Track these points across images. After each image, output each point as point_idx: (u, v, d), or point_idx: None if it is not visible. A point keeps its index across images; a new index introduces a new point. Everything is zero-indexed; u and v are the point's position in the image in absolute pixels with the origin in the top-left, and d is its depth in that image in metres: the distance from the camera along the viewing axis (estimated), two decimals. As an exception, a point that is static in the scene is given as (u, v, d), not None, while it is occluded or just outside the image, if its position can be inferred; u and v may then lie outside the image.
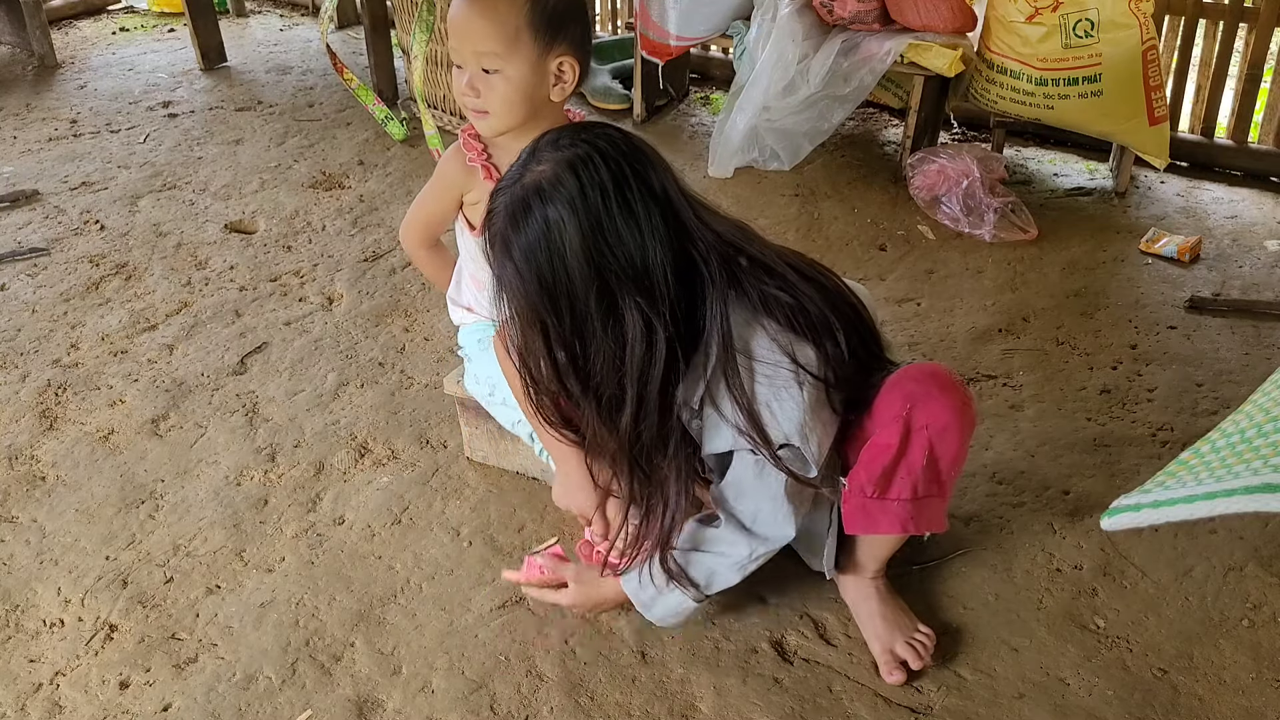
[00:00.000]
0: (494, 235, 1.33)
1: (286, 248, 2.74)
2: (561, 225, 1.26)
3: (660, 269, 1.30)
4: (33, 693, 1.52)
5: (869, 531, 1.49)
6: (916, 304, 2.47)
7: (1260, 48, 2.96)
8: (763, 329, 1.37)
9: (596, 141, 1.30)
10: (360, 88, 3.41)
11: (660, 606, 1.50)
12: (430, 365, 2.25)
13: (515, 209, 1.29)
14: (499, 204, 1.32)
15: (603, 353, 1.32)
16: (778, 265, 1.40)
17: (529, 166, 1.31)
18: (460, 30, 1.56)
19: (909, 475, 1.42)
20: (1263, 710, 1.46)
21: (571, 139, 1.31)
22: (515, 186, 1.30)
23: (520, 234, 1.29)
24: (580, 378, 1.35)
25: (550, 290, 1.29)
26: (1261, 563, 1.70)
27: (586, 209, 1.26)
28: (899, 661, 1.51)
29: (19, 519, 1.85)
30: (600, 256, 1.27)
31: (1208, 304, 2.43)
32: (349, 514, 1.84)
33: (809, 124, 2.89)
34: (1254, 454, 0.87)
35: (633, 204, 1.28)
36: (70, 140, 3.42)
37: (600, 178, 1.27)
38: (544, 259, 1.28)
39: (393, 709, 1.48)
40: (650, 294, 1.30)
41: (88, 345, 2.33)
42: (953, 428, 1.39)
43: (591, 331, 1.31)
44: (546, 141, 1.32)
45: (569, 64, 1.59)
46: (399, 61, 3.72)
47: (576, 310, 1.30)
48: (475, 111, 1.60)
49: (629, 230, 1.28)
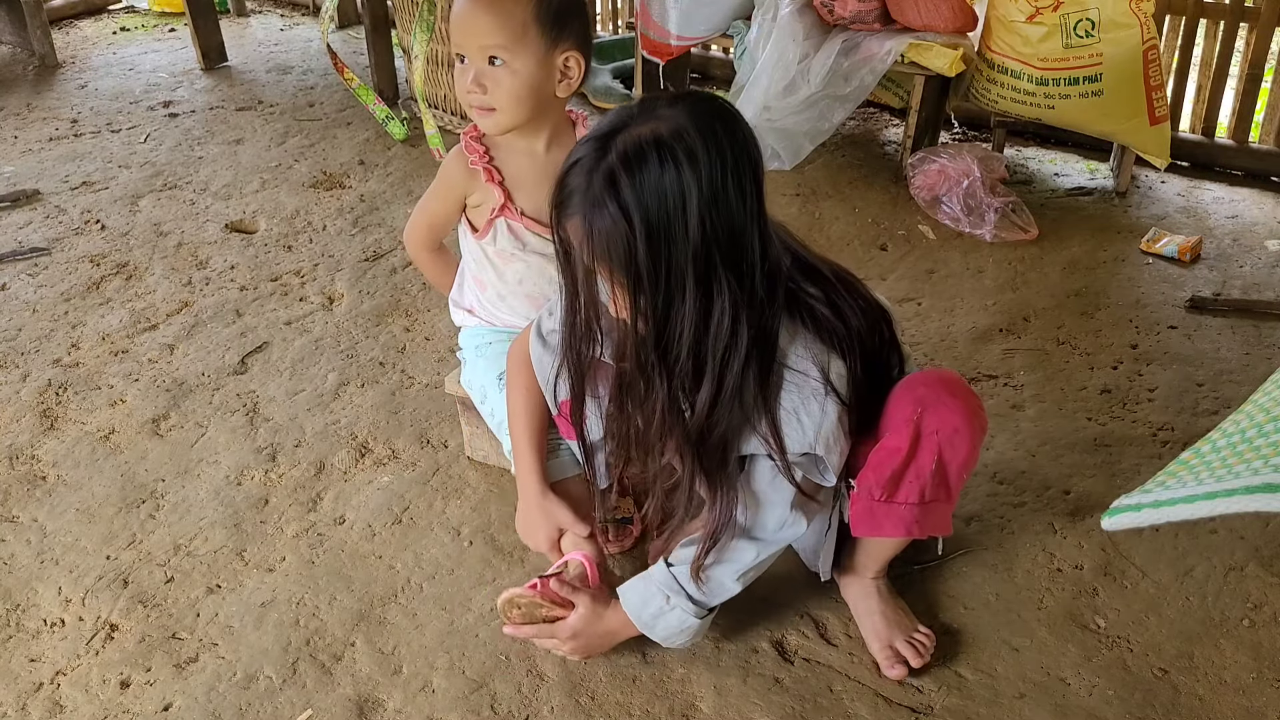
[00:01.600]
0: (593, 180, 1.21)
1: (287, 247, 2.75)
2: (682, 185, 1.19)
3: (756, 255, 1.26)
4: (33, 692, 1.52)
5: (874, 534, 1.49)
6: (917, 304, 2.47)
7: (1261, 47, 2.96)
8: (799, 337, 1.35)
9: (719, 111, 1.24)
10: (361, 87, 3.41)
11: (663, 625, 1.47)
12: (431, 365, 2.25)
13: (631, 154, 1.20)
14: (589, 150, 1.23)
15: (688, 327, 1.26)
16: (824, 271, 1.39)
17: (636, 118, 1.22)
18: (466, 24, 1.55)
19: (917, 480, 1.41)
20: (1263, 710, 1.46)
21: (694, 102, 1.24)
22: (623, 134, 1.21)
23: (635, 181, 1.19)
24: (660, 350, 1.29)
25: (657, 249, 1.21)
26: (1262, 562, 1.70)
27: (710, 172, 1.20)
28: (899, 657, 1.51)
29: (19, 519, 1.85)
30: (712, 228, 1.21)
31: (1208, 304, 2.43)
32: (349, 514, 1.84)
33: (809, 124, 2.89)
34: (1254, 454, 0.87)
35: (745, 184, 1.23)
36: (71, 140, 3.42)
37: (723, 147, 1.21)
38: (657, 214, 1.19)
39: (393, 709, 1.48)
40: (742, 276, 1.25)
41: (88, 345, 2.33)
42: (963, 432, 1.38)
43: (680, 299, 1.25)
44: (659, 99, 1.25)
45: (574, 59, 1.58)
46: (399, 61, 3.73)
47: (674, 276, 1.23)
48: (481, 109, 1.59)
49: (739, 209, 1.23)
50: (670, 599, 1.45)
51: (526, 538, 1.67)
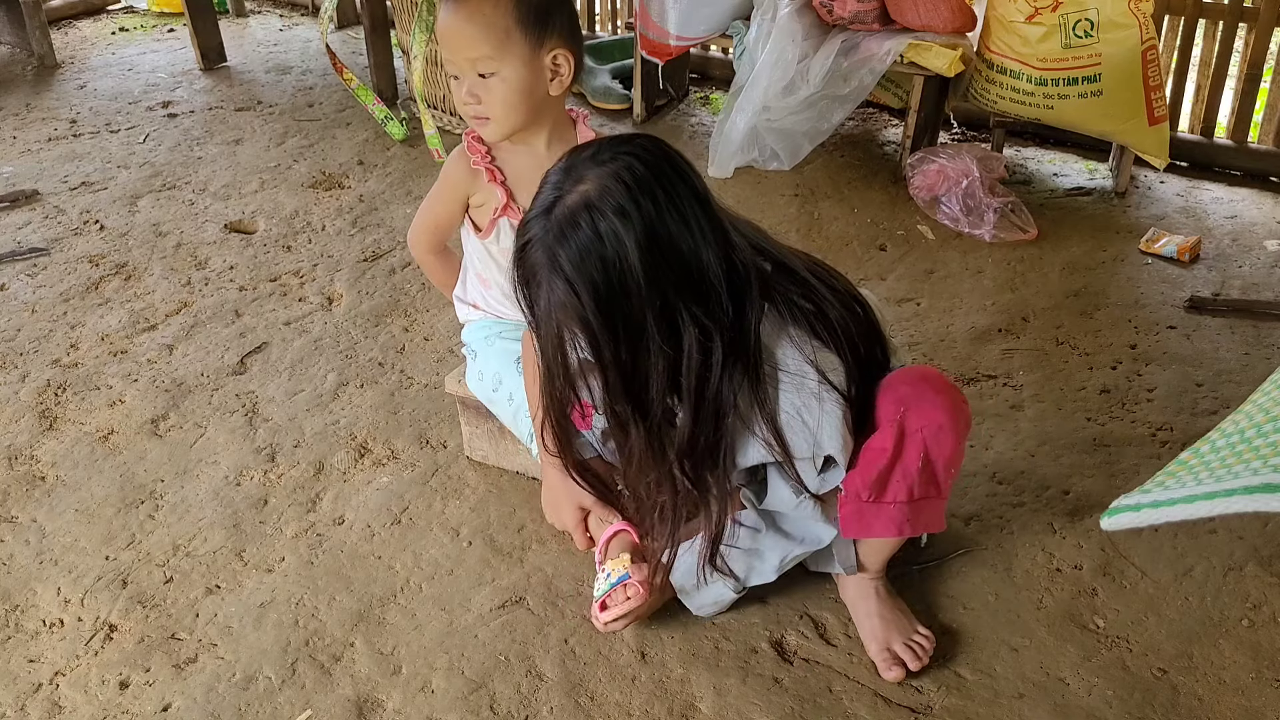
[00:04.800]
0: (539, 257, 1.26)
1: (286, 248, 2.74)
2: (616, 236, 1.22)
3: (715, 273, 1.27)
4: (32, 693, 1.52)
5: (865, 535, 1.49)
6: (916, 304, 2.47)
7: (1260, 48, 2.96)
8: (789, 337, 1.36)
9: (635, 150, 1.27)
10: (360, 88, 3.41)
11: (700, 596, 1.55)
12: (430, 365, 2.25)
13: (565, 226, 1.24)
14: (535, 229, 1.27)
15: (658, 366, 1.29)
16: (800, 270, 1.40)
17: (565, 185, 1.26)
18: (451, 39, 1.57)
19: (905, 478, 1.42)
20: (1262, 710, 1.46)
21: (610, 151, 1.27)
22: (558, 207, 1.25)
23: (571, 249, 1.23)
24: (630, 396, 1.32)
25: (607, 307, 1.24)
26: (1261, 562, 1.70)
27: (641, 217, 1.23)
28: (896, 660, 1.51)
29: (19, 519, 1.85)
30: (657, 265, 1.24)
31: (1207, 304, 2.43)
32: (349, 514, 1.84)
33: (809, 124, 2.89)
34: (1254, 454, 0.87)
35: (684, 211, 1.25)
36: (70, 140, 3.42)
37: (649, 185, 1.24)
38: (599, 272, 1.23)
39: (392, 709, 1.48)
40: (705, 300, 1.27)
41: (87, 345, 2.33)
42: (947, 428, 1.39)
43: (645, 345, 1.28)
44: (582, 158, 1.28)
45: (563, 56, 1.59)
46: (399, 61, 3.72)
47: (632, 325, 1.26)
48: (478, 119, 1.60)
49: (683, 238, 1.25)
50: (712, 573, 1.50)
51: (552, 517, 1.65)
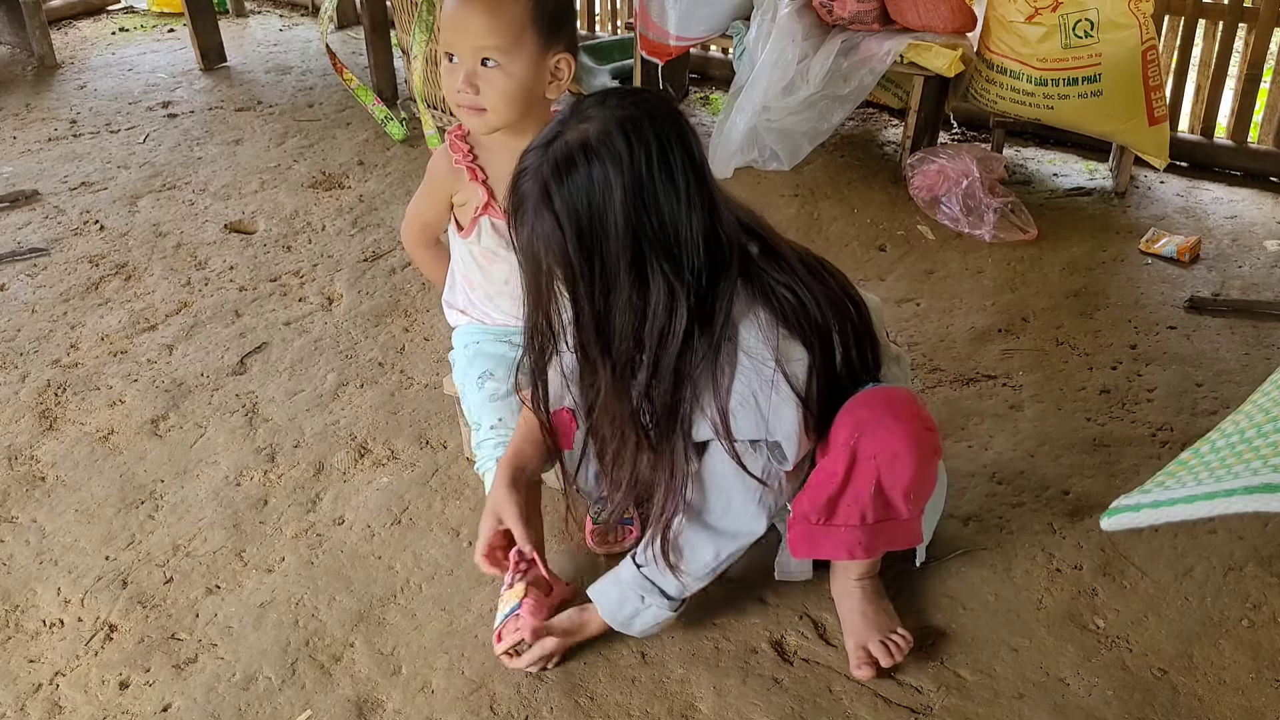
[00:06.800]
0: (531, 187, 1.29)
1: (286, 248, 2.74)
2: (607, 183, 1.25)
3: (691, 240, 1.29)
4: (32, 693, 1.52)
5: (815, 555, 1.50)
6: (916, 304, 2.47)
7: (1260, 48, 2.96)
8: (757, 321, 1.35)
9: (644, 105, 1.29)
10: (360, 88, 3.41)
11: (639, 622, 1.52)
12: (430, 365, 2.25)
13: (560, 161, 1.26)
14: (532, 159, 1.30)
15: (626, 314, 1.31)
16: (788, 258, 1.40)
17: (570, 123, 1.29)
18: (460, 23, 1.54)
19: (856, 503, 1.41)
20: (1262, 710, 1.46)
21: (620, 100, 1.29)
22: (558, 141, 1.27)
23: (564, 186, 1.26)
24: (601, 338, 1.34)
25: (587, 246, 1.27)
26: (1261, 563, 1.70)
27: (633, 170, 1.25)
28: (869, 658, 1.51)
29: (19, 519, 1.84)
30: (638, 219, 1.26)
31: (1207, 304, 2.43)
32: (349, 514, 1.84)
33: (808, 124, 2.89)
34: (1254, 454, 0.87)
35: (674, 172, 1.28)
36: (70, 140, 3.42)
37: (647, 140, 1.26)
38: (585, 214, 1.26)
39: (392, 709, 1.48)
40: (677, 263, 1.29)
41: (87, 345, 2.33)
42: (903, 456, 1.37)
43: (618, 292, 1.30)
44: (592, 100, 1.31)
45: (565, 61, 1.59)
46: (399, 62, 3.72)
47: (608, 269, 1.29)
48: (470, 109, 1.58)
49: (668, 198, 1.27)
50: (645, 599, 1.49)
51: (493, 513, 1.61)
